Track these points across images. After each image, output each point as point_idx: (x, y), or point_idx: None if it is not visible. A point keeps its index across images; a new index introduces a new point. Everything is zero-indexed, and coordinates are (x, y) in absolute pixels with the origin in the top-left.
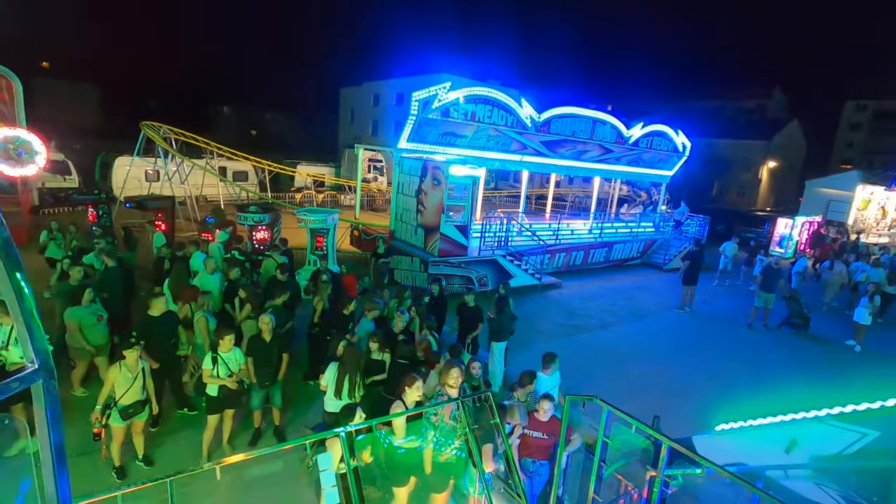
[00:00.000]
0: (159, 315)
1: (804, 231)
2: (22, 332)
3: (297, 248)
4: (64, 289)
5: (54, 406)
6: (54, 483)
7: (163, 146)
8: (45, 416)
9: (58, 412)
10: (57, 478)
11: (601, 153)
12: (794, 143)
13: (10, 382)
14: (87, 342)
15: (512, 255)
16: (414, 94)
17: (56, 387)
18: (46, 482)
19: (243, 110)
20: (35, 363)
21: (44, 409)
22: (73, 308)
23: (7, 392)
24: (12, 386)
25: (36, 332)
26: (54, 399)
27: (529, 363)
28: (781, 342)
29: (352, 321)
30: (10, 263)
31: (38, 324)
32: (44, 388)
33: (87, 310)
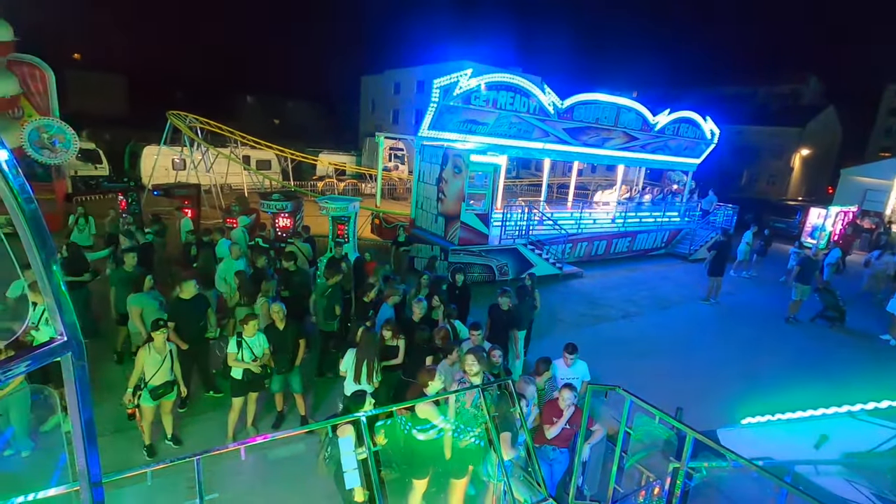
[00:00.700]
0: (190, 298)
1: (838, 221)
2: (51, 305)
3: (319, 236)
4: (120, 275)
5: (83, 379)
6: (85, 457)
7: (189, 135)
8: (74, 388)
9: (87, 386)
10: (87, 452)
11: (626, 141)
12: (830, 129)
13: (41, 354)
14: (145, 327)
15: (533, 244)
16: (435, 81)
17: (85, 360)
18: (77, 456)
19: (266, 100)
20: (64, 336)
21: (73, 382)
22: (136, 295)
23: (38, 363)
24: (42, 358)
25: (64, 304)
26: (83, 373)
27: (549, 352)
28: (814, 335)
29: (372, 308)
30: (38, 238)
31: (66, 297)
32: (73, 360)
33: (149, 296)
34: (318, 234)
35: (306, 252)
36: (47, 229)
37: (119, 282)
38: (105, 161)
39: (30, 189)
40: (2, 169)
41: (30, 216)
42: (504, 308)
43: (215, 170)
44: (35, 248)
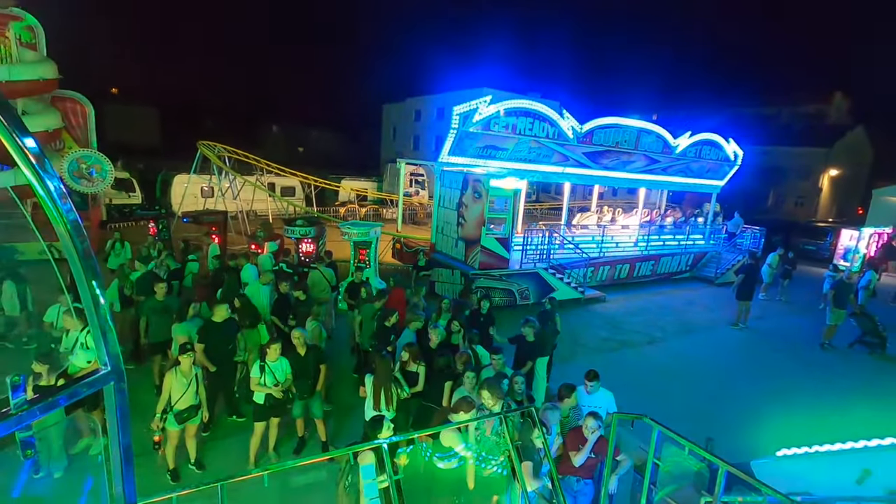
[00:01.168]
0: (221, 321)
1: (872, 243)
2: (97, 336)
3: (342, 261)
4: (153, 305)
5: (124, 407)
6: (122, 482)
7: (217, 164)
8: (115, 417)
9: (127, 414)
10: (125, 477)
11: (647, 163)
12: (859, 149)
13: (85, 384)
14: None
15: (554, 268)
16: (455, 108)
17: (126, 389)
18: (115, 481)
19: (291, 128)
20: (108, 366)
21: (115, 411)
22: (181, 324)
23: (83, 393)
24: (85, 388)
25: (109, 336)
26: (124, 401)
27: (572, 378)
28: (853, 362)
29: (394, 333)
30: (88, 273)
31: (112, 329)
32: (115, 390)
33: (192, 324)
34: (341, 258)
35: (329, 277)
36: (98, 265)
37: (151, 311)
38: (138, 189)
39: (82, 226)
40: (64, 216)
41: (82, 253)
42: (529, 339)
43: (242, 197)
44: (85, 281)
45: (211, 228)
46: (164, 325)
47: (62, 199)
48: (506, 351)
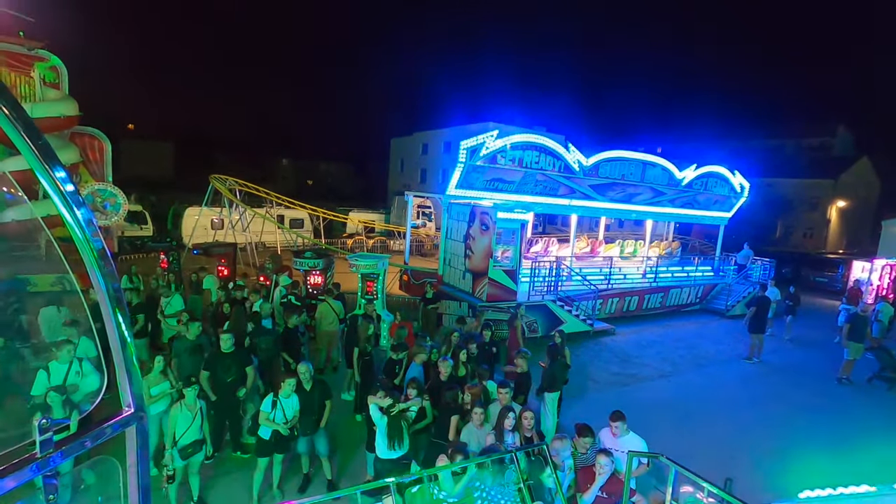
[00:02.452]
0: (228, 352)
1: (885, 275)
2: (123, 377)
3: (349, 293)
4: (185, 345)
5: (144, 449)
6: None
7: (228, 197)
8: (136, 458)
9: (147, 455)
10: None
11: (652, 196)
12: (865, 180)
13: (110, 426)
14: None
15: (562, 300)
16: (462, 142)
17: (147, 431)
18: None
19: (300, 162)
20: (132, 407)
21: (136, 452)
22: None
23: (107, 435)
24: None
25: (135, 377)
26: (145, 443)
27: (583, 414)
28: (872, 397)
29: (399, 366)
30: (119, 313)
31: (137, 369)
32: (137, 431)
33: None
34: (348, 290)
35: (338, 309)
36: (128, 309)
37: (184, 351)
38: (150, 222)
39: (115, 273)
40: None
41: (113, 296)
42: (522, 370)
43: (251, 229)
44: (115, 324)
45: (220, 260)
46: (194, 365)
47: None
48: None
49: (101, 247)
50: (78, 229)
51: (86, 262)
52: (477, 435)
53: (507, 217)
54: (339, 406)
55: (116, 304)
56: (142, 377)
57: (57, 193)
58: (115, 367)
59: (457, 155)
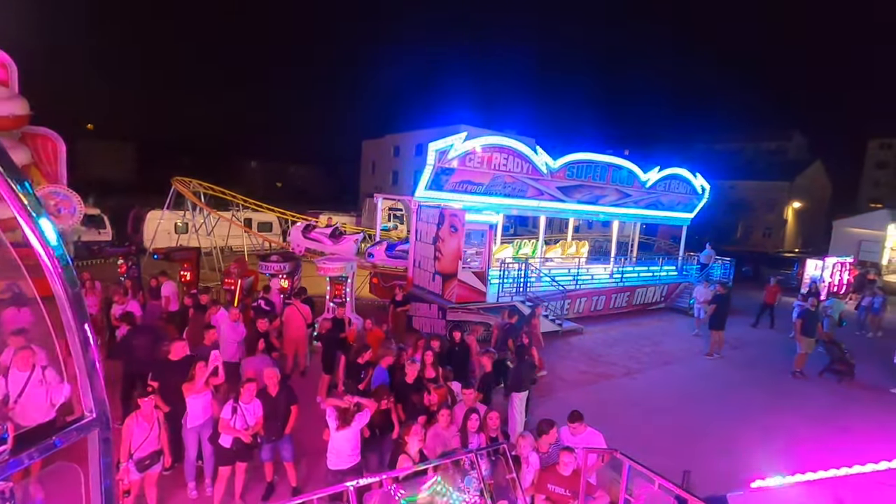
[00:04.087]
0: (178, 360)
1: (836, 272)
2: (84, 382)
3: (318, 296)
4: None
5: (107, 454)
6: None
7: (192, 200)
8: (98, 463)
9: (110, 460)
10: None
11: (618, 197)
12: (819, 183)
13: (70, 432)
14: None
15: (531, 301)
16: (431, 144)
17: (111, 439)
18: None
19: (270, 164)
20: (93, 413)
21: (98, 457)
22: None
23: (68, 440)
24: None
25: (96, 382)
26: (108, 452)
27: (552, 413)
28: (823, 390)
29: (363, 370)
30: (80, 316)
31: (99, 375)
32: (99, 437)
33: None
34: (317, 294)
35: (305, 313)
36: (87, 311)
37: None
38: (109, 226)
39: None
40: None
41: (73, 298)
42: (487, 370)
43: (217, 233)
44: (75, 328)
45: (183, 265)
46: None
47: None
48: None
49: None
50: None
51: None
52: (443, 437)
53: (475, 219)
54: (309, 411)
55: (77, 308)
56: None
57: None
58: (77, 372)
59: (427, 157)
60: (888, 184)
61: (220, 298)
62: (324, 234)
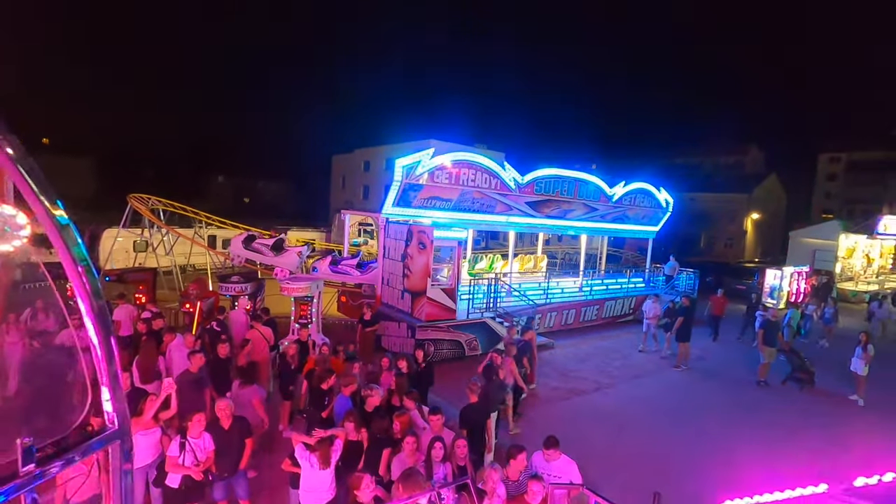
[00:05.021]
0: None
1: (793, 281)
2: (105, 393)
3: (282, 316)
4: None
5: (128, 471)
6: None
7: (149, 218)
8: (119, 476)
9: (131, 472)
10: None
11: (586, 212)
12: (775, 195)
13: (94, 443)
14: None
15: (501, 317)
16: (398, 161)
17: (131, 452)
18: None
19: (237, 179)
20: (115, 424)
21: (119, 468)
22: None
23: (91, 451)
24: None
25: (118, 394)
26: (129, 464)
27: (524, 432)
28: (786, 399)
29: (328, 396)
30: (104, 329)
31: (121, 387)
32: (121, 448)
33: None
34: (282, 314)
35: (267, 336)
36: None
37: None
38: None
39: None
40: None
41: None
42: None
43: (178, 251)
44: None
45: (138, 287)
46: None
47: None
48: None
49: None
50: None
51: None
52: (409, 466)
53: (444, 235)
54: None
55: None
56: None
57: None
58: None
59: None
60: (838, 195)
61: (178, 322)
62: (265, 246)
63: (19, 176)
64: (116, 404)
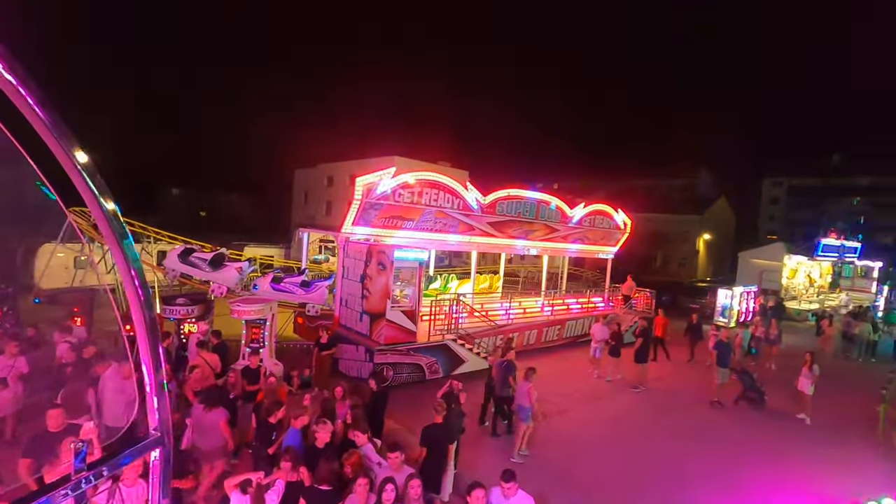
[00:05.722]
0: (57, 432)
1: (743, 301)
2: (152, 401)
3: (233, 339)
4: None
5: (167, 472)
6: None
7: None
8: (159, 480)
9: (170, 478)
10: None
11: (547, 232)
12: (724, 217)
13: (139, 448)
14: None
15: (463, 339)
16: (358, 179)
17: (171, 458)
18: None
19: (193, 191)
20: (159, 431)
21: (160, 474)
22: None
23: (134, 457)
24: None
25: (162, 402)
26: (169, 470)
27: (483, 462)
28: (738, 418)
29: (276, 430)
30: (154, 338)
31: (166, 396)
32: (162, 455)
33: None
34: (233, 336)
35: (213, 364)
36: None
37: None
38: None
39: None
40: (140, 285)
41: (148, 322)
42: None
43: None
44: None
45: (73, 310)
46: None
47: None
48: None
49: (142, 279)
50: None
51: (128, 291)
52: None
53: (405, 255)
54: None
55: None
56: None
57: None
58: (147, 391)
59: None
60: (781, 218)
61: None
62: (203, 260)
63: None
64: (162, 413)
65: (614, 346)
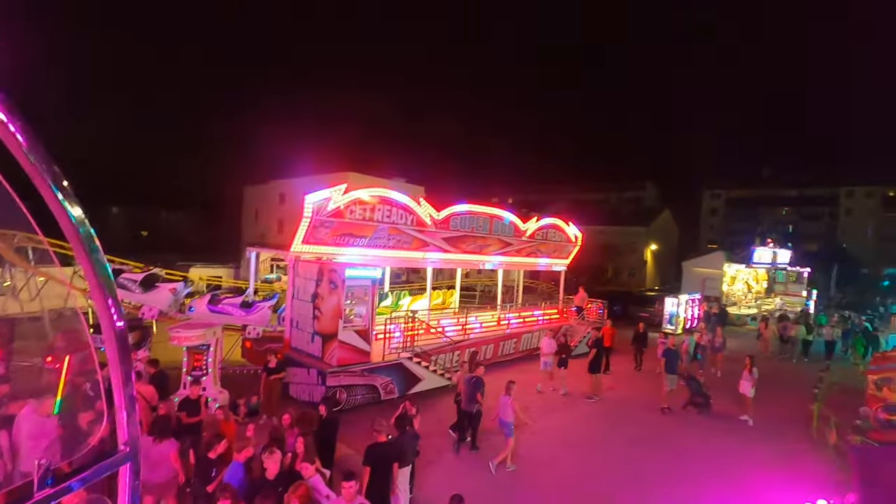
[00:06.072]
0: None
1: (689, 308)
2: (122, 416)
3: (174, 367)
4: None
5: (136, 489)
6: None
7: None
8: (127, 497)
9: (139, 495)
10: None
11: (501, 247)
12: (669, 228)
13: (106, 465)
14: None
15: (419, 357)
16: (307, 196)
17: (139, 472)
18: None
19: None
20: (128, 447)
21: (128, 491)
22: None
23: (103, 473)
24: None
25: (132, 417)
26: (138, 486)
27: (439, 483)
28: (687, 423)
29: (216, 466)
30: (123, 353)
31: (136, 410)
32: (131, 471)
33: None
34: (173, 363)
35: (148, 396)
36: (131, 348)
37: None
38: None
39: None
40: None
41: (118, 335)
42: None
43: (52, 293)
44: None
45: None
46: None
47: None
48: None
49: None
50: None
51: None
52: None
53: (357, 274)
54: None
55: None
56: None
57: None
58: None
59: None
60: (720, 228)
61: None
62: (132, 281)
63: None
64: (131, 427)
65: (563, 357)
